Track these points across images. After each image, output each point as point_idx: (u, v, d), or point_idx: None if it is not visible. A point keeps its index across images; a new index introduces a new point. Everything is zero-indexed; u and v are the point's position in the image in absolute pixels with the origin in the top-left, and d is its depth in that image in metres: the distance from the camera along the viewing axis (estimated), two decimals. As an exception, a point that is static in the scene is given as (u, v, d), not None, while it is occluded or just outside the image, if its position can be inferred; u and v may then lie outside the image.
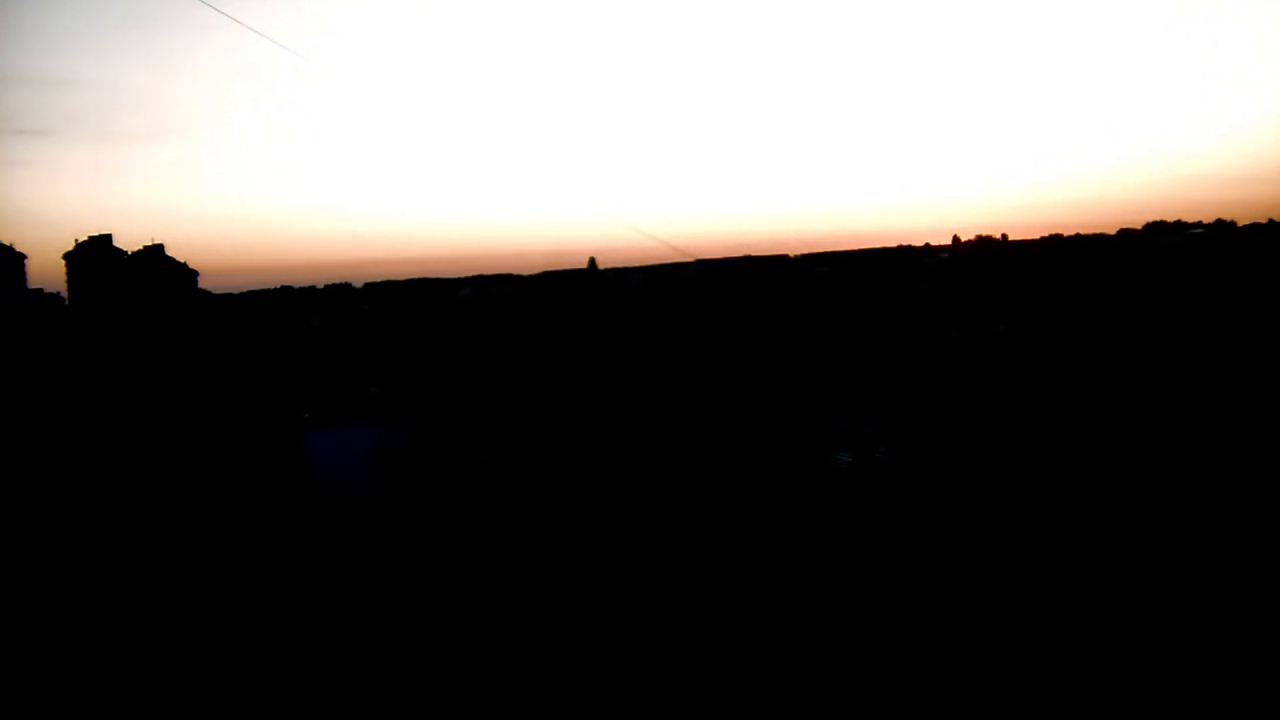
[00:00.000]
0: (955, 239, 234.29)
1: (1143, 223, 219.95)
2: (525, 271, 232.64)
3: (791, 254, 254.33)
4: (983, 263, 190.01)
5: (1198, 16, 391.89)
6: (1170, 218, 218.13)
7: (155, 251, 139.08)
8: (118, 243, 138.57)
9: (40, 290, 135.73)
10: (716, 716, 19.70)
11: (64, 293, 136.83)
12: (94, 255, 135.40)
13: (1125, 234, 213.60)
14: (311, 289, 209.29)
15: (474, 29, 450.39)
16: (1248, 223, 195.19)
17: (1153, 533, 26.31)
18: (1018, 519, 28.30)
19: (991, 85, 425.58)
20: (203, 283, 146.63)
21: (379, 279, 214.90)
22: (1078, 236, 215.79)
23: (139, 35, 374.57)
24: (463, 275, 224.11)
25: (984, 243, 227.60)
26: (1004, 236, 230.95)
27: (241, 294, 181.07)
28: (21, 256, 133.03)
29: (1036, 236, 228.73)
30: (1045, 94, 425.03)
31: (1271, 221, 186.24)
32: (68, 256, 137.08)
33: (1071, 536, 26.65)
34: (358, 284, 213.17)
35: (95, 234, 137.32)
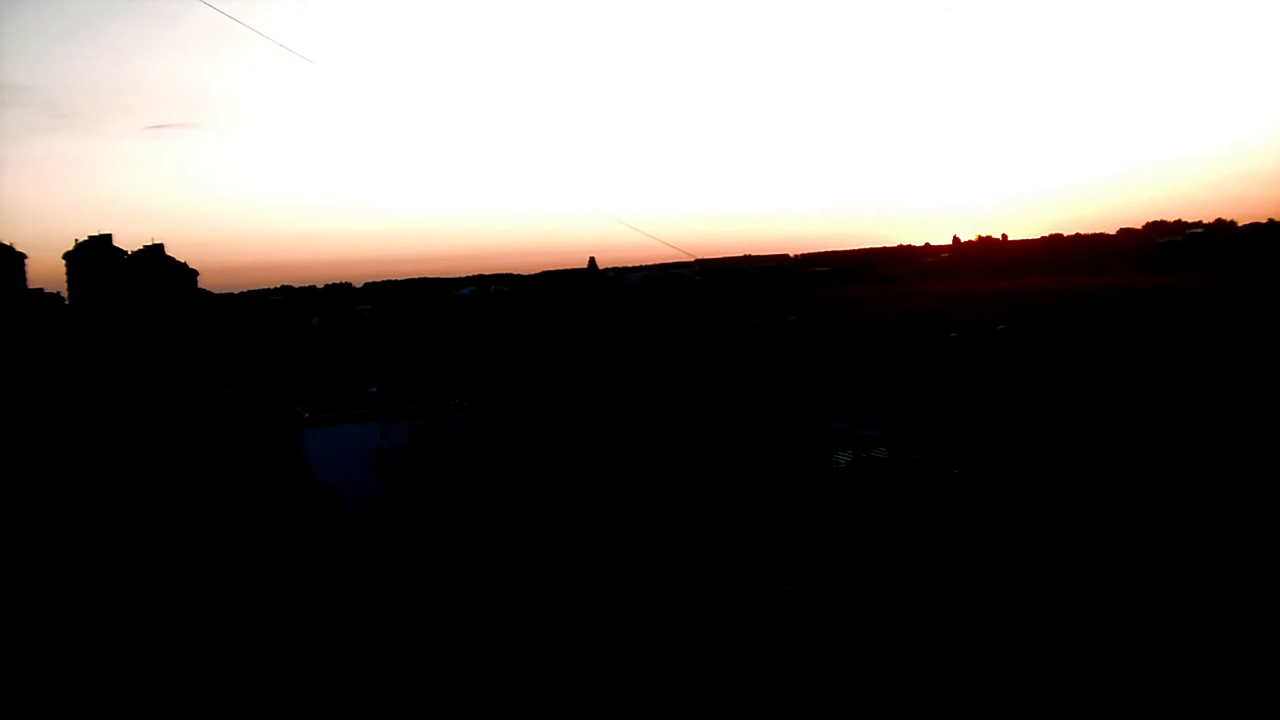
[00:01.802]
0: (955, 239, 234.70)
1: (1143, 222, 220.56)
2: (525, 271, 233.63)
3: (792, 254, 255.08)
4: (983, 262, 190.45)
5: (1197, 17, 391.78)
6: (1170, 218, 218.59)
7: (155, 251, 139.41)
8: (118, 242, 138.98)
9: (40, 290, 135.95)
10: (719, 712, 19.71)
11: (64, 293, 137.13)
12: (94, 255, 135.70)
13: (1125, 234, 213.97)
14: (311, 289, 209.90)
15: (475, 27, 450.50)
16: (1248, 223, 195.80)
17: (1154, 533, 26.29)
18: (1017, 518, 28.28)
19: (993, 88, 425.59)
20: (202, 282, 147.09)
21: (379, 279, 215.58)
22: (1078, 236, 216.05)
23: (135, 32, 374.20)
24: (463, 275, 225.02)
25: (984, 243, 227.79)
26: (1004, 237, 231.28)
27: (241, 294, 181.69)
28: (21, 256, 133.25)
29: (1037, 237, 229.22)
30: (1046, 95, 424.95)
31: (1271, 221, 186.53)
32: (68, 256, 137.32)
33: (1071, 535, 26.64)
34: (358, 284, 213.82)
35: (95, 234, 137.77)
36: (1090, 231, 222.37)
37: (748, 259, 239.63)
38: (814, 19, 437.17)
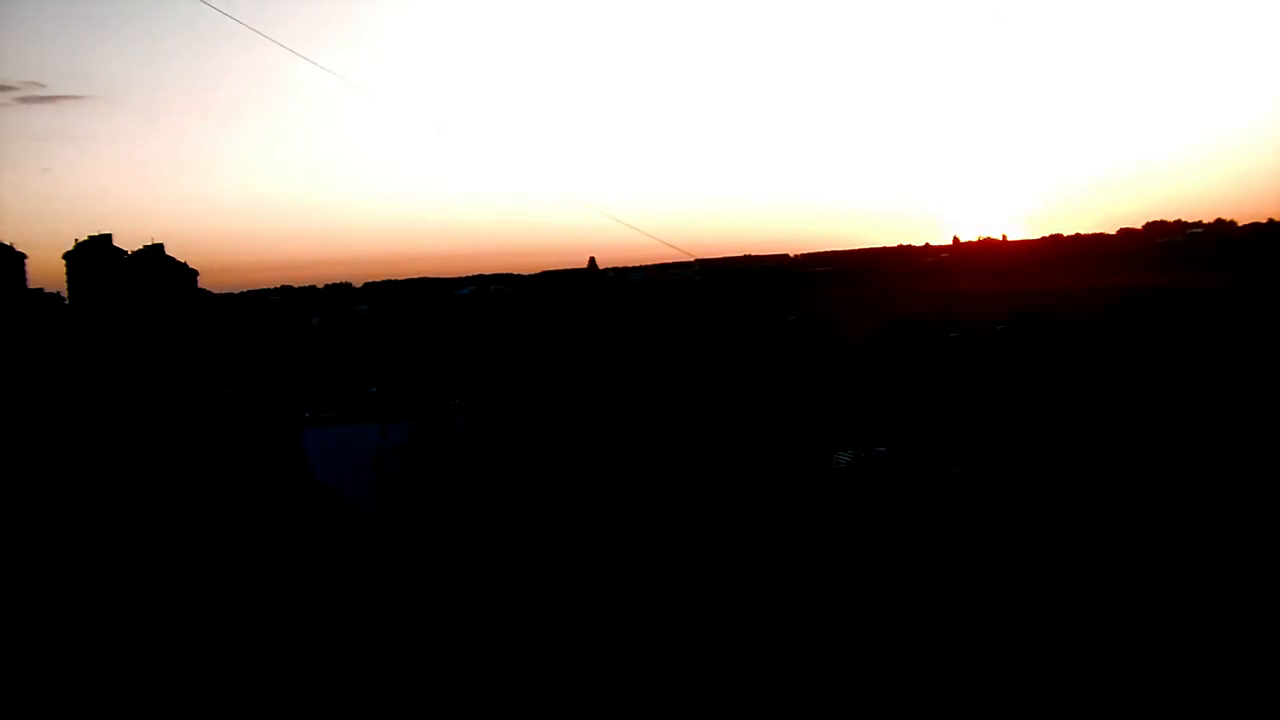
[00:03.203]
0: (955, 239, 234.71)
1: (1143, 222, 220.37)
2: (525, 271, 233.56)
3: (792, 254, 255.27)
4: (983, 263, 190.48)
5: (1197, 17, 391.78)
6: (1170, 218, 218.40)
7: (155, 251, 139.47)
8: (118, 242, 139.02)
9: (40, 290, 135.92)
10: (720, 712, 19.74)
11: (64, 293, 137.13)
12: (94, 255, 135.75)
13: (1125, 234, 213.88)
14: (311, 289, 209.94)
15: (475, 25, 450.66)
16: (1248, 223, 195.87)
17: (1156, 533, 26.30)
18: (1018, 518, 28.30)
19: (992, 88, 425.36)
20: (202, 282, 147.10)
21: (379, 279, 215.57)
22: (1077, 237, 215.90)
23: (125, 29, 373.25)
24: (463, 275, 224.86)
25: (984, 243, 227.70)
26: (1004, 237, 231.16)
27: (241, 294, 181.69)
28: (21, 256, 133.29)
29: (1037, 237, 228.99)
30: (1046, 95, 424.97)
31: (1271, 221, 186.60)
32: (68, 256, 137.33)
33: (1072, 536, 26.65)
34: (358, 284, 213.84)
35: (95, 234, 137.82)
36: (1090, 232, 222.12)
37: (748, 259, 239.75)
38: (812, 20, 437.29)
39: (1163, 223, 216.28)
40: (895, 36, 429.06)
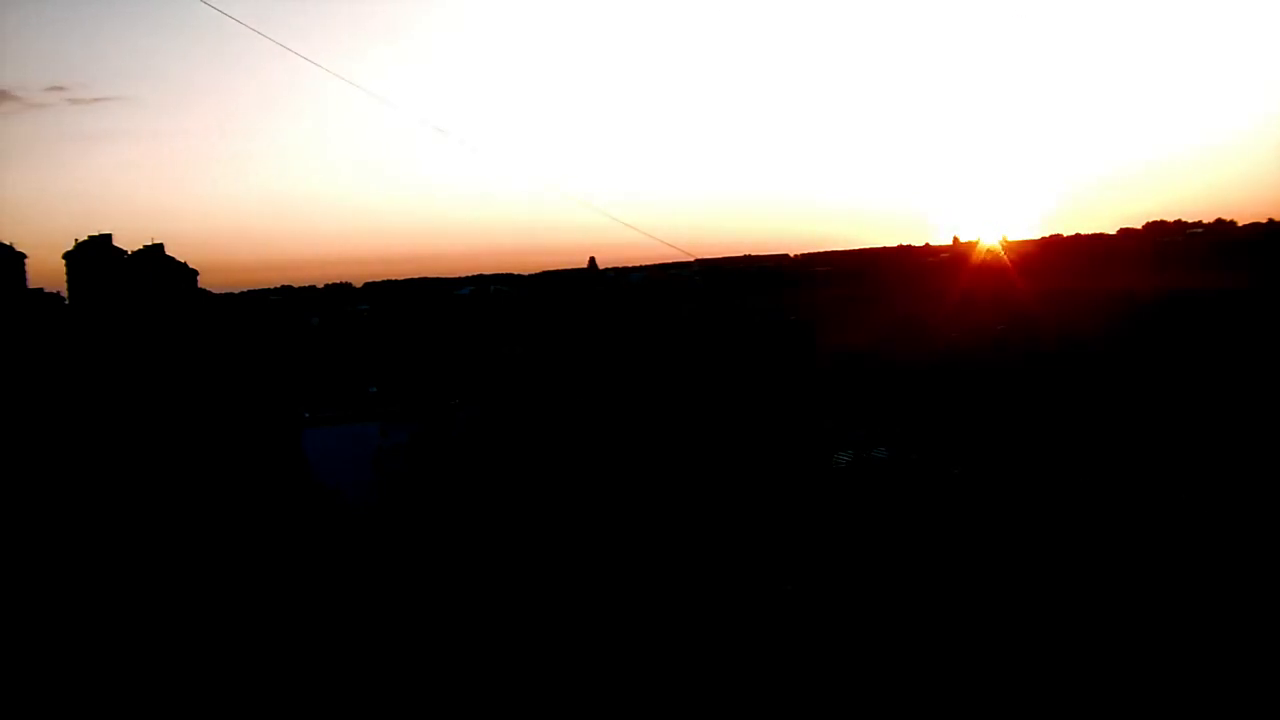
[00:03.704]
0: (955, 239, 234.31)
1: (1143, 222, 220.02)
2: (525, 271, 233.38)
3: (792, 254, 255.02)
4: (983, 263, 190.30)
5: (1197, 16, 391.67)
6: (1170, 218, 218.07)
7: (155, 251, 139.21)
8: (118, 242, 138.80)
9: (40, 290, 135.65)
10: (720, 712, 19.73)
11: (64, 293, 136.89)
12: (94, 255, 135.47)
13: (1125, 234, 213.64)
14: (311, 289, 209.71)
15: (474, 23, 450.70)
16: (1248, 223, 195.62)
17: (1155, 533, 26.29)
18: (1017, 518, 28.29)
19: (992, 87, 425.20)
20: (202, 282, 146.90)
21: (379, 279, 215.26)
22: (1077, 236, 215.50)
23: (129, 30, 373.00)
24: (463, 275, 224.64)
25: (984, 243, 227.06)
26: (1004, 238, 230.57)
27: (241, 294, 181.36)
28: (21, 256, 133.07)
29: (1037, 237, 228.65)
30: (1046, 94, 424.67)
31: (1271, 221, 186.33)
32: (68, 256, 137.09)
33: (1071, 536, 26.65)
34: (358, 284, 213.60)
35: (95, 234, 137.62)
36: (1090, 232, 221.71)
37: (748, 259, 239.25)
38: (813, 18, 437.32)
39: (1163, 223, 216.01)
40: (895, 36, 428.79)
